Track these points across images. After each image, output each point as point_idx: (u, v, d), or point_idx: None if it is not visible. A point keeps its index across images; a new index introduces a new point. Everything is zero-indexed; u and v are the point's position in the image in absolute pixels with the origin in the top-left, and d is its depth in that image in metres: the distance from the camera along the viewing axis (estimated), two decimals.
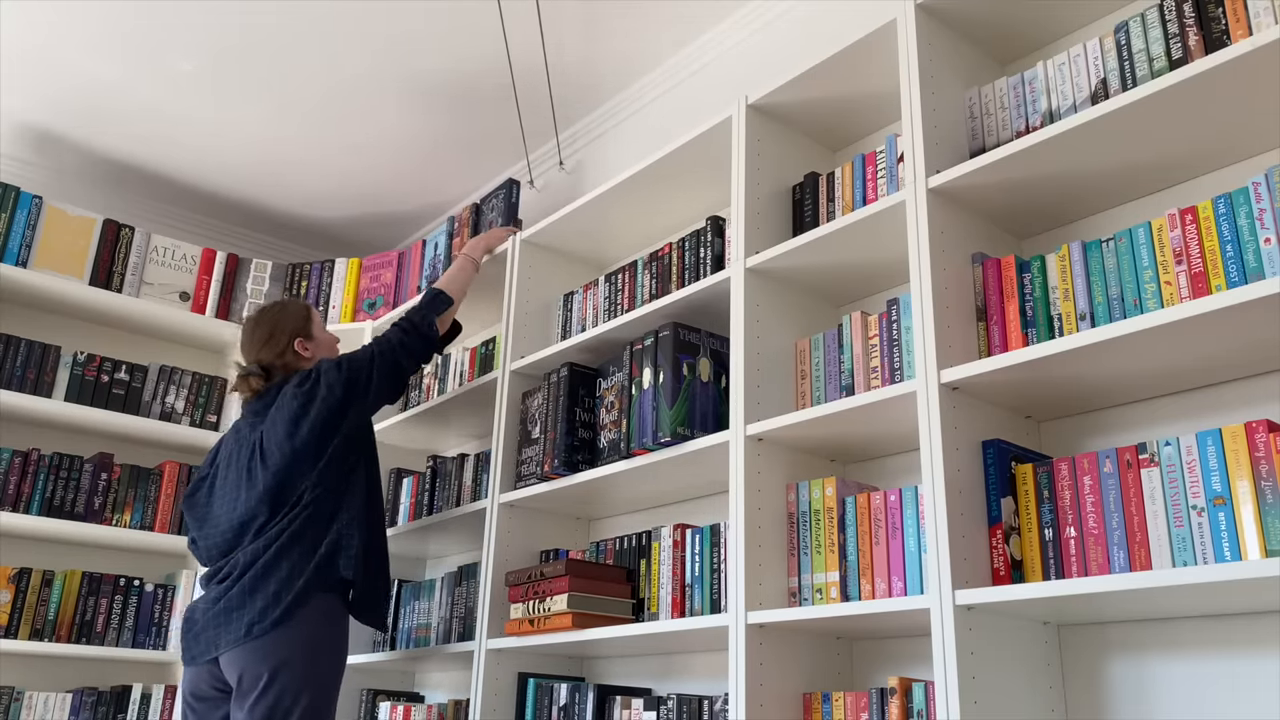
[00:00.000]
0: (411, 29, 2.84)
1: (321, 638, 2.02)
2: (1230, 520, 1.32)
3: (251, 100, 3.20)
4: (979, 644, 1.50)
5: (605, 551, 2.29)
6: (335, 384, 2.14)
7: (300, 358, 2.29)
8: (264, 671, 1.94)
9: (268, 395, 2.22)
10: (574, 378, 2.37)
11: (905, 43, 1.83)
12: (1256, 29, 1.45)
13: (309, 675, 1.97)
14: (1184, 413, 1.60)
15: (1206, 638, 1.48)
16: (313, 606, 2.01)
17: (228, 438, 2.28)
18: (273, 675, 1.94)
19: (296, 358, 2.28)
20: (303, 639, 1.98)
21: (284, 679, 1.94)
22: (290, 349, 2.28)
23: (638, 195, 2.48)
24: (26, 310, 3.38)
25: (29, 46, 2.98)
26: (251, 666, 1.95)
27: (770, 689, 1.77)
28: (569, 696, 2.19)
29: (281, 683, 1.94)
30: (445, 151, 3.45)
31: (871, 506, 1.74)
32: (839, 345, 1.91)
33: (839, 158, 2.29)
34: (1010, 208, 1.78)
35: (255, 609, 1.98)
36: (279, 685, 1.93)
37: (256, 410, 2.22)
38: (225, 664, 2.00)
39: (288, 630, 1.97)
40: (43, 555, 3.26)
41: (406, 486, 3.04)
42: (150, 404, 3.28)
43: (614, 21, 2.77)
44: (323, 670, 2.00)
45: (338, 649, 2.06)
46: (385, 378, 2.22)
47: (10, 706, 2.94)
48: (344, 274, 3.43)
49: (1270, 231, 1.37)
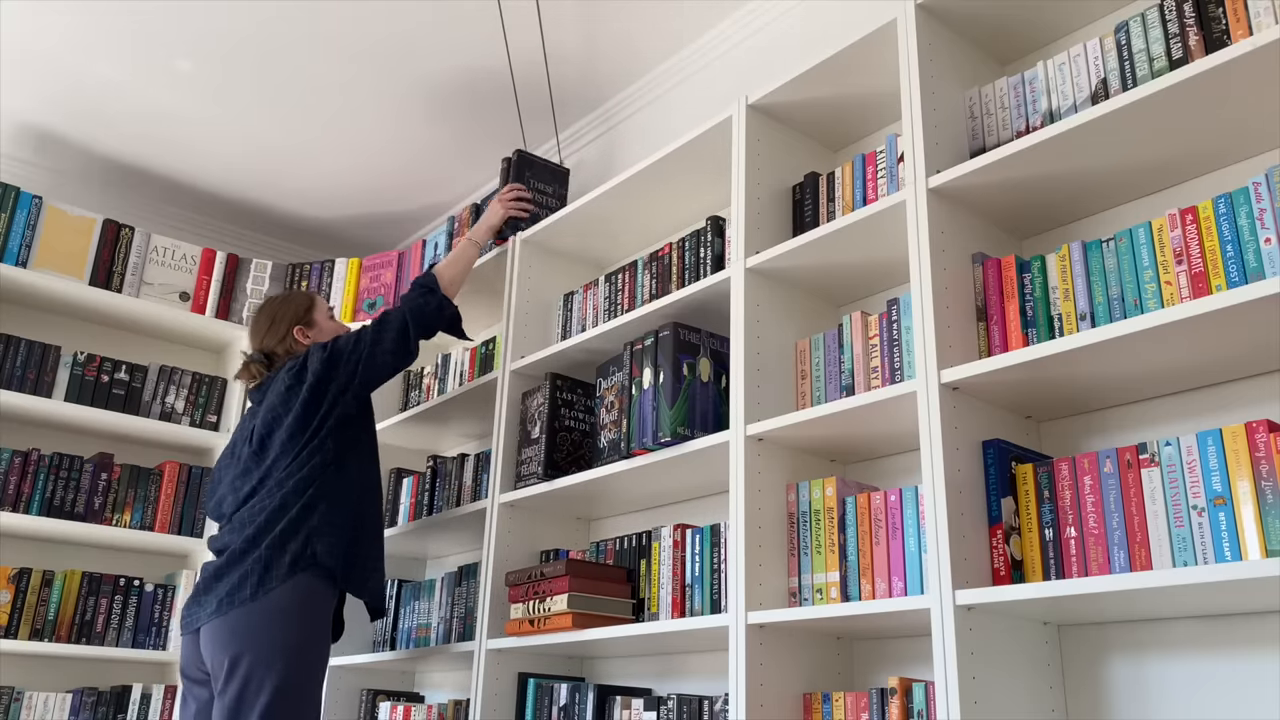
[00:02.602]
0: (412, 29, 2.84)
1: (294, 617, 1.99)
2: (1230, 520, 1.32)
3: (251, 100, 3.20)
4: (979, 644, 1.50)
5: (605, 551, 2.29)
6: (317, 364, 2.16)
7: (299, 344, 2.32)
8: (228, 655, 1.94)
9: (266, 383, 2.26)
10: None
11: (905, 43, 1.83)
12: (1256, 29, 1.45)
13: (278, 655, 1.94)
14: (1184, 413, 1.60)
15: (1207, 638, 1.48)
16: (289, 586, 2.00)
17: (237, 428, 2.34)
18: (236, 657, 1.93)
19: (296, 344, 2.31)
20: (273, 618, 1.97)
21: (250, 659, 1.93)
22: (290, 335, 2.31)
23: (638, 195, 2.48)
24: (26, 310, 3.38)
25: (29, 47, 2.98)
26: (219, 650, 1.96)
27: (770, 689, 1.77)
28: (569, 696, 2.19)
29: (248, 663, 1.93)
30: (445, 151, 3.44)
31: (872, 506, 1.74)
32: (839, 345, 1.91)
33: (839, 158, 2.29)
34: (1010, 208, 1.78)
35: (230, 584, 2.00)
36: (245, 666, 1.93)
37: (257, 399, 2.27)
38: (203, 643, 2.01)
39: (257, 608, 1.96)
40: (43, 555, 3.26)
41: (406, 486, 3.04)
42: (150, 404, 3.28)
43: (614, 21, 2.77)
44: (294, 649, 1.97)
45: (314, 630, 2.02)
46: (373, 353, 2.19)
47: (10, 706, 2.94)
48: (344, 274, 3.43)
49: (1270, 231, 1.37)
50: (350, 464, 2.18)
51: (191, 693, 2.10)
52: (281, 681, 1.93)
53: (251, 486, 2.13)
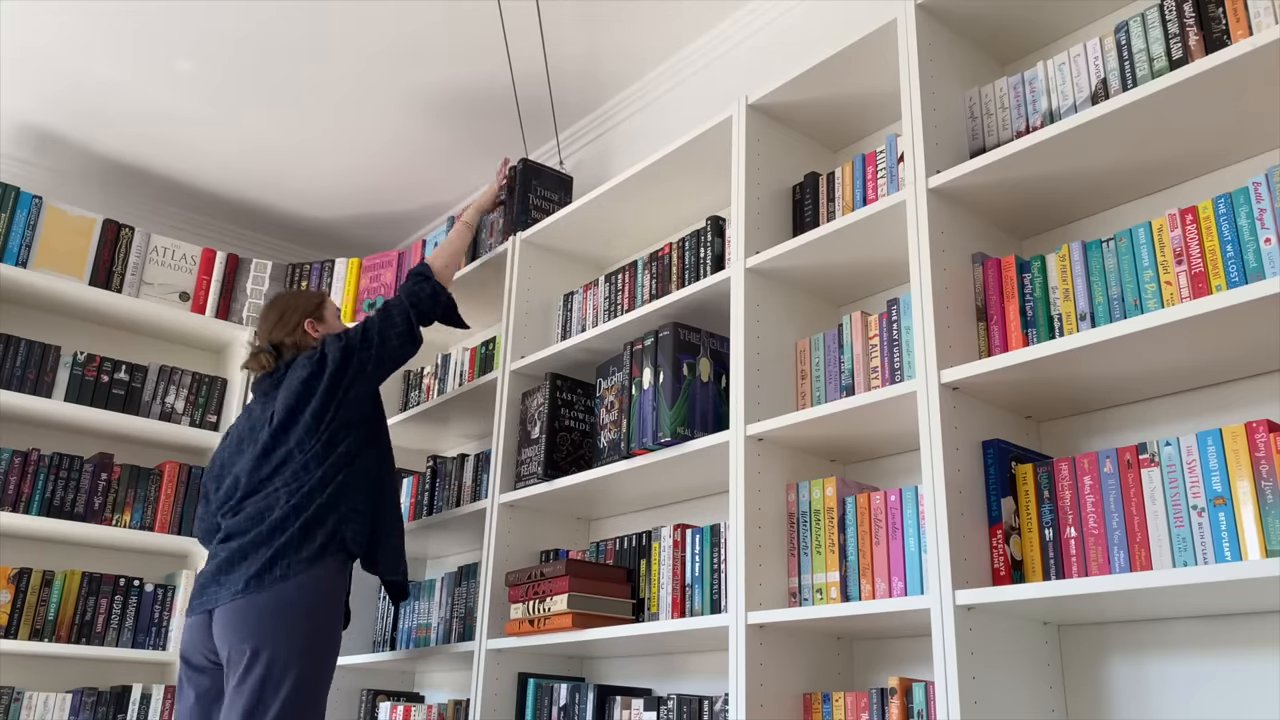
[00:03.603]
0: (412, 29, 2.84)
1: (318, 604, 2.03)
2: (1230, 520, 1.32)
3: (251, 100, 3.20)
4: (979, 644, 1.50)
5: (605, 551, 2.29)
6: (335, 352, 2.21)
7: (309, 337, 2.36)
8: (249, 645, 1.95)
9: (277, 373, 2.29)
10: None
11: (905, 43, 1.83)
12: (1256, 29, 1.45)
13: (299, 648, 1.97)
14: (1184, 413, 1.60)
15: (1207, 638, 1.48)
16: (318, 570, 2.04)
17: (239, 420, 2.34)
18: (257, 649, 1.94)
19: (305, 337, 2.35)
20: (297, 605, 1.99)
21: (270, 652, 1.94)
22: (300, 328, 2.35)
23: (638, 195, 2.48)
24: (26, 310, 3.38)
25: (29, 47, 2.98)
26: (239, 637, 1.96)
27: (770, 689, 1.77)
28: (569, 696, 2.19)
29: (268, 656, 1.94)
30: (445, 151, 3.44)
31: (871, 506, 1.74)
32: (839, 345, 1.91)
33: (839, 158, 2.29)
34: (1010, 208, 1.78)
35: (257, 565, 2.01)
36: (266, 658, 1.94)
37: (267, 390, 2.29)
38: (217, 626, 2.01)
39: (282, 592, 1.99)
40: (43, 555, 3.26)
41: (406, 486, 3.04)
42: (150, 404, 3.28)
43: (614, 21, 2.77)
44: (314, 641, 2.00)
45: (332, 618, 2.06)
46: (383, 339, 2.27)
47: (10, 706, 2.94)
48: (344, 274, 3.43)
49: (1270, 231, 1.37)
50: (370, 450, 2.24)
51: (191, 680, 2.10)
52: (301, 675, 1.96)
53: (271, 470, 2.14)
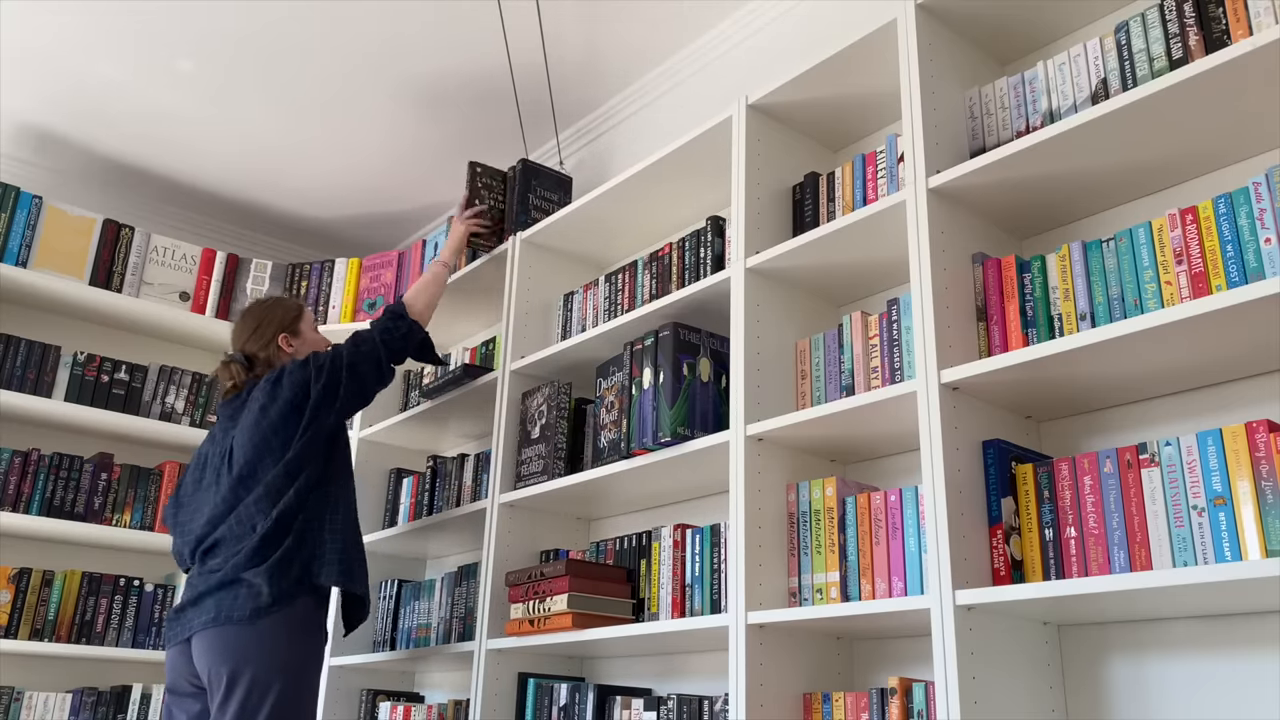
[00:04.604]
0: (412, 28, 2.84)
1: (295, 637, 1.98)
2: (1230, 520, 1.32)
3: (251, 100, 3.20)
4: (979, 644, 1.50)
5: (605, 551, 2.29)
6: (297, 380, 2.14)
7: (282, 353, 2.29)
8: (226, 668, 1.92)
9: (239, 399, 2.22)
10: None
11: (905, 43, 1.83)
12: (1256, 29, 1.45)
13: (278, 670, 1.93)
14: (1184, 413, 1.59)
15: (1207, 638, 1.48)
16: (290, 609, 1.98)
17: (204, 444, 2.27)
18: (235, 672, 1.91)
19: (279, 352, 2.29)
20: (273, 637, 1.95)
21: (250, 674, 1.91)
22: (274, 343, 2.29)
23: (638, 195, 2.48)
24: (26, 310, 3.38)
25: (30, 47, 2.98)
26: (217, 660, 1.93)
27: (770, 689, 1.77)
28: (569, 696, 2.19)
29: (248, 678, 1.91)
30: (445, 151, 3.44)
31: (871, 506, 1.74)
32: (839, 345, 1.91)
33: (839, 158, 2.29)
34: (1010, 208, 1.78)
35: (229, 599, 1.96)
36: (246, 681, 1.91)
37: (230, 415, 2.22)
38: (196, 652, 1.99)
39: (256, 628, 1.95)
40: (43, 555, 3.26)
41: (406, 486, 3.04)
42: (150, 404, 3.28)
43: (614, 21, 2.77)
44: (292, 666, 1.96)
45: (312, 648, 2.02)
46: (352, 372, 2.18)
47: (10, 706, 2.94)
48: (344, 274, 3.43)
49: (1270, 231, 1.37)
50: (336, 479, 2.16)
51: (180, 706, 2.06)
52: (282, 693, 1.93)
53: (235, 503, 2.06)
